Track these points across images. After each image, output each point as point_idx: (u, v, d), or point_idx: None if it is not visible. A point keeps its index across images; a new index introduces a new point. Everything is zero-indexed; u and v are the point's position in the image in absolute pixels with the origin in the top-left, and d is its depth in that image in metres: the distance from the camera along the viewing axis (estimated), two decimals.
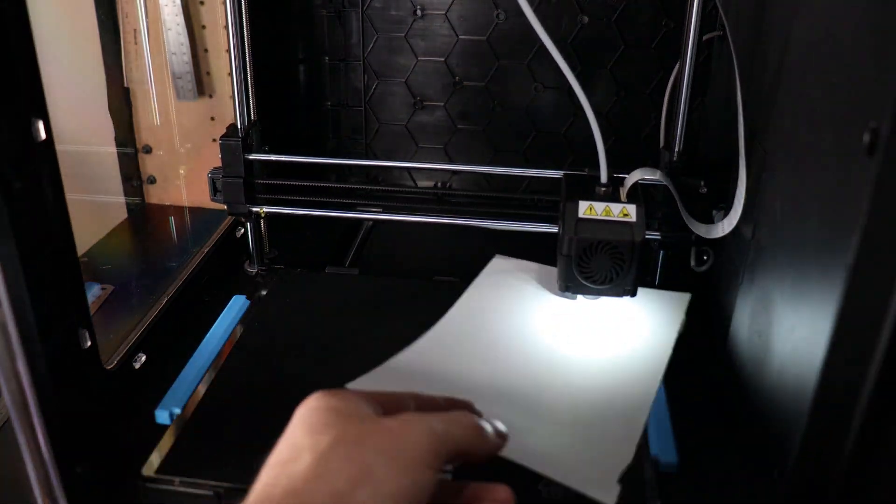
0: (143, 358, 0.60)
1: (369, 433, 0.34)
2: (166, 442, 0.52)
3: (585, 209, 0.62)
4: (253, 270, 0.77)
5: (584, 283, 0.64)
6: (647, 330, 0.64)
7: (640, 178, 0.64)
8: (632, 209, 0.62)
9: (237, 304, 0.67)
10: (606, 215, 0.62)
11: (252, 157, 0.73)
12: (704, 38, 0.72)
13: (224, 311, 0.66)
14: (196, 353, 0.60)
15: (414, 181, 0.95)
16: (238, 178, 0.72)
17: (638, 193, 0.64)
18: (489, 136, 0.90)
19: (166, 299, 0.66)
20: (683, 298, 0.68)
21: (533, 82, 0.87)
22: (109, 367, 0.56)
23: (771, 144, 0.53)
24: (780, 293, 0.47)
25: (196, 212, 0.89)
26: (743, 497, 0.50)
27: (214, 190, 0.74)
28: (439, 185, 0.93)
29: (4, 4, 0.40)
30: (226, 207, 0.74)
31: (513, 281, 0.70)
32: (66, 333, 0.49)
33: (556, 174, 0.69)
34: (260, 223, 0.76)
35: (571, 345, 0.62)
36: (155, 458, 0.50)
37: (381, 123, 0.93)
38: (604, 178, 0.63)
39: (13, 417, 0.42)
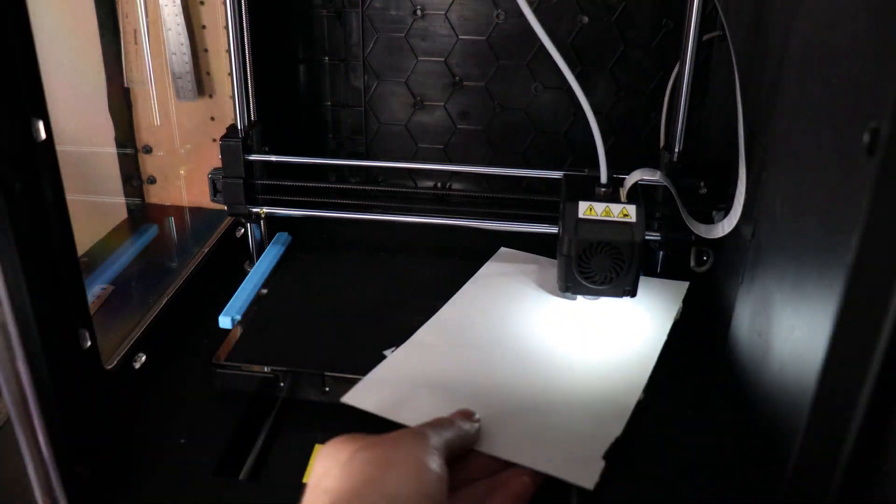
0: (143, 358, 0.60)
1: (374, 444, 0.41)
2: (232, 338, 0.62)
3: (585, 209, 0.63)
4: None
5: (584, 283, 0.64)
6: (645, 316, 0.65)
7: (640, 178, 0.64)
8: (632, 209, 0.62)
9: (282, 238, 0.79)
10: (606, 216, 0.63)
11: (252, 157, 0.74)
12: (704, 38, 0.72)
13: (271, 244, 0.78)
14: (251, 273, 0.72)
15: (414, 182, 0.95)
16: (238, 178, 0.73)
17: (638, 194, 0.64)
18: (489, 136, 0.90)
19: (166, 299, 0.66)
20: (682, 287, 0.69)
21: (533, 82, 0.87)
22: (109, 367, 0.56)
23: (771, 144, 0.53)
24: (780, 293, 0.47)
25: (196, 212, 0.89)
26: (743, 497, 0.50)
27: (215, 191, 0.75)
28: (439, 185, 0.93)
29: (4, 4, 0.40)
30: (226, 208, 0.75)
31: (515, 272, 0.73)
32: (66, 333, 0.49)
33: (556, 174, 0.69)
34: (260, 223, 0.77)
35: (568, 332, 0.63)
36: (223, 351, 0.60)
37: (381, 123, 0.92)
38: (604, 178, 0.64)
39: (13, 417, 0.42)
